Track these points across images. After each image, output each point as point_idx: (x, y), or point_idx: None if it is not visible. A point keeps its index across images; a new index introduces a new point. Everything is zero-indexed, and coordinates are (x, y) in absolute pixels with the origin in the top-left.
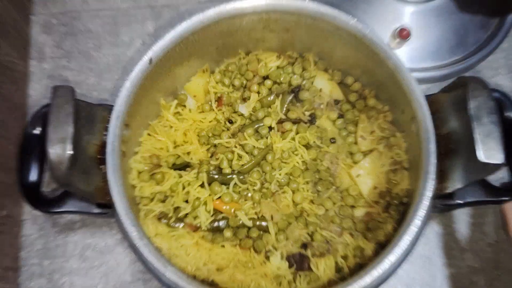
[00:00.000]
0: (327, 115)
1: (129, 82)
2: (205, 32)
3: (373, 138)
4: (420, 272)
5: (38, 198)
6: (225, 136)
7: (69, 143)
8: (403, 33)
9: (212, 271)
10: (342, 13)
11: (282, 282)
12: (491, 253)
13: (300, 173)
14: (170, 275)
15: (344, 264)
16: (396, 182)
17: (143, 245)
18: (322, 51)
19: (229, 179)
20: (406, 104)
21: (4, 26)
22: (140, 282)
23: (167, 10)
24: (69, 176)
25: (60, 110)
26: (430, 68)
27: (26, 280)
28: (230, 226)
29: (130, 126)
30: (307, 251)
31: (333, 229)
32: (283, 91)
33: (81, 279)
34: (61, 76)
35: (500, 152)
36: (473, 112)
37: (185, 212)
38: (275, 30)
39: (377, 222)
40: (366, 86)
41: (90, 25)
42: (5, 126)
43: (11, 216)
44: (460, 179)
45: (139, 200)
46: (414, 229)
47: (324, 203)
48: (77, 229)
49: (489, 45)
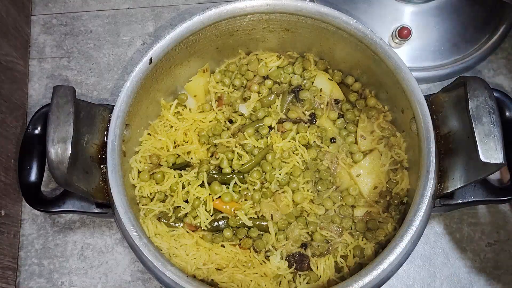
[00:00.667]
0: (327, 115)
1: (129, 82)
2: (205, 32)
3: (373, 137)
4: (420, 272)
5: (37, 197)
6: (225, 136)
7: (70, 143)
8: (403, 32)
9: (211, 270)
10: (342, 13)
11: (282, 281)
12: (491, 253)
13: (300, 172)
14: (170, 275)
15: (344, 264)
16: (396, 181)
17: (143, 244)
18: (322, 51)
19: (229, 178)
20: (406, 104)
21: (5, 26)
22: (140, 282)
23: (167, 10)
24: (69, 175)
25: (60, 110)
26: (430, 68)
27: (25, 280)
28: (230, 226)
29: (130, 125)
30: (307, 251)
31: (333, 229)
32: (283, 91)
33: (80, 278)
34: (61, 76)
35: (500, 152)
36: (473, 112)
37: (185, 211)
38: (275, 30)
39: (377, 221)
40: (366, 86)
41: (90, 25)
42: (5, 126)
43: (10, 215)
44: (460, 178)
45: (139, 199)
46: (415, 229)
47: (324, 203)
48: (76, 229)
49: (489, 44)
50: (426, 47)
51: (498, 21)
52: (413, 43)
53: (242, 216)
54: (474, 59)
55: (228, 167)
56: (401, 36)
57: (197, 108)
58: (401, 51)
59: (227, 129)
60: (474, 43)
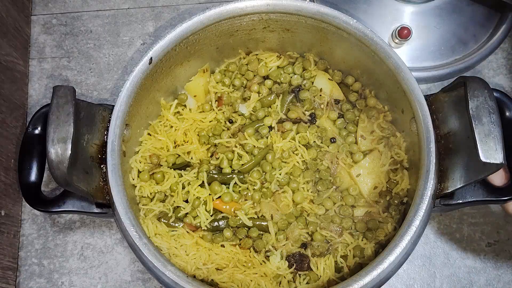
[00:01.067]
0: (327, 115)
1: (129, 82)
2: (205, 32)
3: (373, 137)
4: (420, 272)
5: (37, 197)
6: (226, 136)
7: (70, 143)
8: (403, 32)
9: (211, 270)
10: (342, 13)
11: (282, 281)
12: (491, 253)
13: (300, 172)
14: (170, 275)
15: (344, 263)
16: (396, 181)
17: (143, 244)
18: (322, 51)
19: (229, 178)
20: (406, 104)
21: (5, 26)
22: (140, 282)
23: (167, 10)
24: (69, 175)
25: (60, 110)
26: (430, 68)
27: (25, 280)
28: (230, 226)
29: (130, 125)
30: (307, 251)
31: (333, 229)
32: (283, 91)
33: (80, 278)
34: (61, 76)
35: (500, 152)
36: (473, 112)
37: (185, 212)
38: (275, 30)
39: (377, 221)
40: (366, 86)
41: (90, 25)
42: (5, 126)
43: (10, 215)
44: (460, 178)
45: (139, 199)
46: (415, 228)
47: (324, 203)
48: (76, 229)
49: (489, 44)
50: (426, 47)
51: (498, 21)
52: (413, 43)
53: (242, 216)
54: (474, 59)
55: (228, 167)
56: (401, 36)
57: (197, 108)
58: (401, 51)
59: (227, 129)
60: (474, 43)
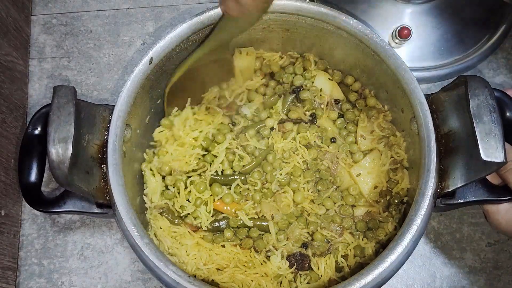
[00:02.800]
0: (327, 114)
1: (129, 82)
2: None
3: (373, 137)
4: (420, 272)
5: (38, 198)
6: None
7: (70, 143)
8: (403, 32)
9: (212, 271)
10: (342, 13)
11: (283, 281)
12: (491, 253)
13: (301, 172)
14: (172, 274)
15: (345, 263)
16: (397, 181)
17: (144, 244)
18: (322, 51)
19: (231, 180)
20: (406, 104)
21: (5, 26)
22: (140, 282)
23: (167, 10)
24: (70, 175)
25: (61, 110)
26: (430, 68)
27: (25, 280)
28: (230, 226)
29: (131, 126)
30: (308, 251)
31: (334, 229)
32: (285, 91)
33: (80, 278)
34: (61, 76)
35: (501, 150)
36: (473, 111)
37: (187, 212)
38: (275, 30)
39: (377, 221)
40: (366, 86)
41: (90, 25)
42: (5, 126)
43: (10, 215)
44: (461, 177)
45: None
46: (416, 227)
47: (325, 203)
48: (76, 229)
49: (489, 45)
50: (426, 47)
51: (498, 21)
52: (413, 43)
53: (242, 216)
54: (474, 59)
55: (229, 169)
56: (401, 36)
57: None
58: (401, 51)
59: (230, 131)
60: (474, 43)
